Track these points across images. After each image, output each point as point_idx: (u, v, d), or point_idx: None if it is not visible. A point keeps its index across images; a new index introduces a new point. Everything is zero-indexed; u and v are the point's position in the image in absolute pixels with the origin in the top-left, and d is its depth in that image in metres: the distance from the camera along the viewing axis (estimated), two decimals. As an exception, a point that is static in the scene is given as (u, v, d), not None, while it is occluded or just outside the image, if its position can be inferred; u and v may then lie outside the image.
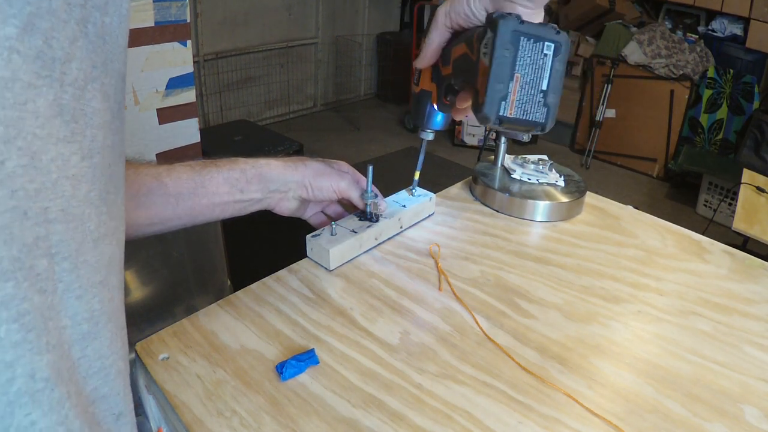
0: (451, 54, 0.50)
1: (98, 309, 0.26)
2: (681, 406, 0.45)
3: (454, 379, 0.47)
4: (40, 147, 0.21)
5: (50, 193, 0.22)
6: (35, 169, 0.21)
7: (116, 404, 0.29)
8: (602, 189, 3.02)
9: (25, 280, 0.21)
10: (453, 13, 0.48)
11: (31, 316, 0.22)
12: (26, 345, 0.21)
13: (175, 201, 0.54)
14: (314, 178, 0.60)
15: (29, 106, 0.21)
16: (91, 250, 0.25)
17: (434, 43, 0.51)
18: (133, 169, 0.53)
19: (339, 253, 0.60)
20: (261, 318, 0.53)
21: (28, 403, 0.22)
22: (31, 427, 0.22)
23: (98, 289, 0.26)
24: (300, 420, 0.43)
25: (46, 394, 0.22)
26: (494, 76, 0.41)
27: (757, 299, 0.60)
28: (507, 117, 0.42)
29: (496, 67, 0.41)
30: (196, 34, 3.12)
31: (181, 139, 1.33)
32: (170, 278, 1.16)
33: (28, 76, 0.20)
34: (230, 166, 0.58)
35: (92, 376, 0.27)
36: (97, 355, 0.27)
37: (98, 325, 0.26)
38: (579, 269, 0.64)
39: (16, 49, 0.20)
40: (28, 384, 0.22)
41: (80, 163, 0.24)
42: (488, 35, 0.41)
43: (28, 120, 0.21)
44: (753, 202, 1.61)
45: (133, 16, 1.18)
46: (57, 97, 0.22)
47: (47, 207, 0.22)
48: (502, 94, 0.41)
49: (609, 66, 3.28)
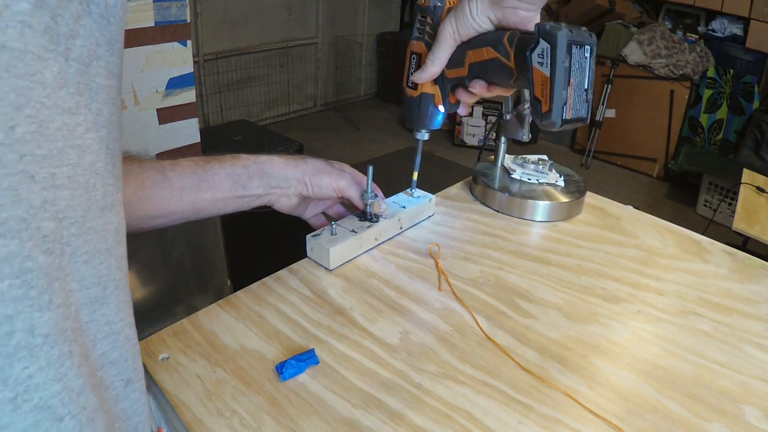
0: (466, 58, 0.53)
1: (106, 275, 0.27)
2: (681, 406, 0.45)
3: (454, 379, 0.47)
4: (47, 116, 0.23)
5: (57, 160, 0.23)
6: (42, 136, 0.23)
7: (125, 371, 0.30)
8: (602, 189, 3.02)
9: (29, 240, 0.22)
10: (462, 29, 0.51)
11: (34, 274, 0.23)
12: (27, 301, 0.22)
13: (179, 195, 0.55)
14: (314, 175, 0.61)
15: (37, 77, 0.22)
16: (98, 217, 0.27)
17: (442, 59, 0.54)
18: (138, 163, 0.54)
19: (339, 253, 0.60)
20: (261, 318, 0.53)
21: (26, 356, 0.23)
22: (28, 380, 0.23)
23: (105, 256, 0.27)
24: (300, 420, 0.43)
25: (45, 350, 0.23)
26: (558, 85, 0.45)
27: (757, 299, 0.60)
28: (567, 119, 0.46)
29: (558, 77, 0.45)
30: (196, 34, 3.12)
31: (181, 139, 1.33)
32: (170, 278, 1.16)
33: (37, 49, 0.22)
34: (233, 161, 0.59)
35: (101, 340, 0.28)
36: (105, 320, 0.28)
37: (106, 290, 0.28)
38: (579, 269, 0.64)
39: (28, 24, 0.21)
40: (27, 338, 0.23)
41: (85, 134, 0.25)
42: (543, 46, 0.45)
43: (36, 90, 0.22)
44: (753, 202, 1.61)
45: (133, 16, 1.18)
46: (62, 70, 0.23)
47: (54, 173, 0.23)
48: (564, 100, 0.45)
49: (609, 66, 3.28)
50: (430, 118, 0.61)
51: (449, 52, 0.54)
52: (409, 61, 0.59)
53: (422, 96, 0.60)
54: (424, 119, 0.61)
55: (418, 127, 0.63)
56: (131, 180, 0.53)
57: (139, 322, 0.33)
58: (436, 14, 0.55)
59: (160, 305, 1.13)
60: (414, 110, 0.61)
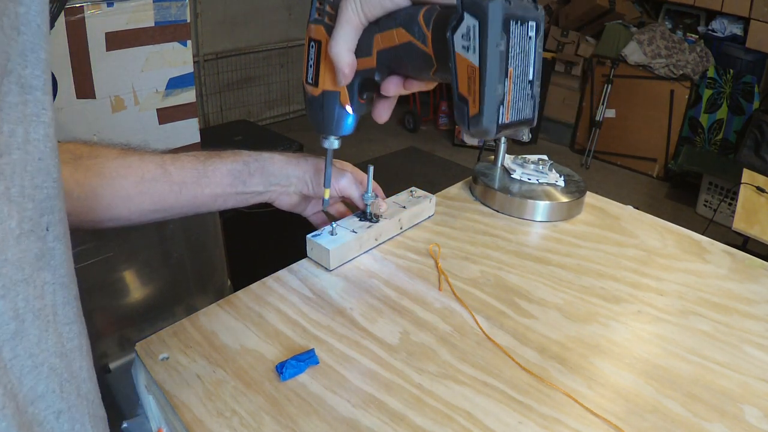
0: (374, 44, 0.42)
1: (23, 307, 0.26)
2: (681, 406, 0.45)
3: (454, 379, 0.47)
4: None
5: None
6: None
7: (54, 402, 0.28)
8: (602, 189, 3.02)
9: None
10: (366, 6, 0.41)
11: None
12: None
13: (179, 189, 0.55)
14: (315, 174, 0.61)
15: None
16: (13, 247, 0.25)
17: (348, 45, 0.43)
18: (138, 156, 0.54)
19: (339, 253, 0.60)
20: (261, 318, 0.53)
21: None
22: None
23: (22, 287, 0.26)
24: (300, 420, 0.43)
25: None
26: (490, 77, 0.33)
27: (757, 299, 0.60)
28: (504, 123, 0.35)
29: (492, 66, 0.33)
30: (196, 34, 3.12)
31: (181, 139, 1.33)
32: (170, 278, 1.16)
33: None
34: (234, 158, 0.58)
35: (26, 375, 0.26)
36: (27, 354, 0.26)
37: (24, 323, 0.26)
38: (579, 269, 0.64)
39: None
40: None
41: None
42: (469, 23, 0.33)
43: None
44: (753, 202, 1.61)
45: (133, 16, 1.18)
46: None
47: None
48: (500, 98, 0.34)
49: (609, 66, 3.28)
50: (337, 122, 0.50)
51: (355, 35, 0.43)
52: (308, 50, 0.48)
53: (324, 95, 0.49)
54: (330, 123, 0.50)
55: (324, 133, 0.52)
56: (131, 173, 0.53)
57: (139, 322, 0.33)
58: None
59: (160, 305, 1.13)
60: (317, 112, 0.50)
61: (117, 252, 1.04)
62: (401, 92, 0.46)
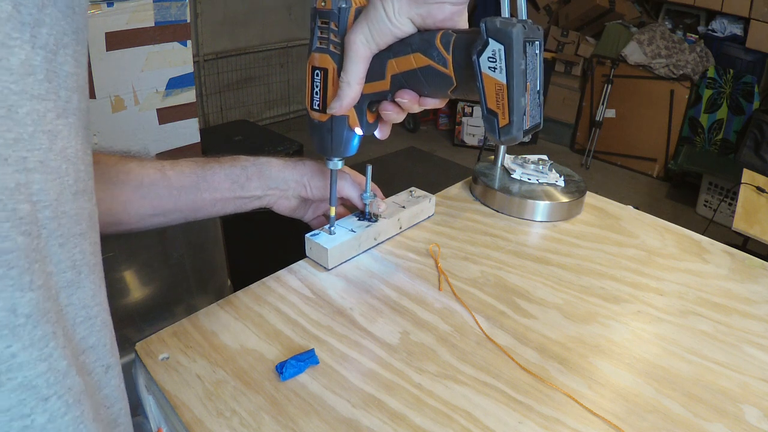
0: (387, 68, 0.45)
1: (80, 259, 0.28)
2: (681, 406, 0.45)
3: (454, 379, 0.47)
4: (16, 101, 0.23)
5: (28, 144, 0.24)
6: (12, 120, 0.23)
7: (104, 356, 0.30)
8: (602, 189, 3.02)
9: (7, 221, 0.23)
10: (377, 35, 0.43)
11: (14, 254, 0.23)
12: (7, 281, 0.23)
13: (177, 194, 0.55)
14: (313, 177, 0.61)
15: (3, 63, 0.22)
16: (71, 202, 0.27)
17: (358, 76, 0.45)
18: (137, 162, 0.54)
19: (337, 252, 0.60)
20: (261, 318, 0.53)
21: (8, 335, 0.23)
22: (11, 358, 0.23)
23: (78, 240, 0.28)
24: (300, 420, 0.43)
25: (27, 330, 0.24)
26: (516, 92, 0.38)
27: (757, 299, 0.60)
28: (526, 129, 0.41)
29: (517, 83, 0.38)
30: (196, 34, 3.12)
31: (181, 139, 1.33)
32: (170, 278, 1.16)
33: (1, 37, 0.22)
34: (232, 162, 0.59)
35: (79, 325, 0.28)
36: (81, 305, 0.28)
37: (81, 274, 0.28)
38: (579, 269, 0.64)
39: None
40: (9, 318, 0.23)
41: (55, 120, 0.26)
42: (494, 47, 0.38)
43: (2, 75, 0.22)
44: (753, 202, 1.61)
45: (133, 16, 1.18)
46: (28, 57, 0.24)
47: (26, 157, 0.24)
48: (523, 109, 0.39)
49: (609, 66, 3.28)
50: (345, 144, 0.51)
51: (365, 66, 0.45)
52: (312, 78, 0.49)
53: (333, 120, 0.50)
54: (338, 146, 0.52)
55: (330, 156, 0.53)
56: (130, 178, 0.53)
57: (139, 322, 0.33)
58: (341, 19, 0.45)
59: (160, 305, 1.13)
60: (325, 137, 0.51)
61: (117, 252, 1.04)
62: (414, 108, 0.47)
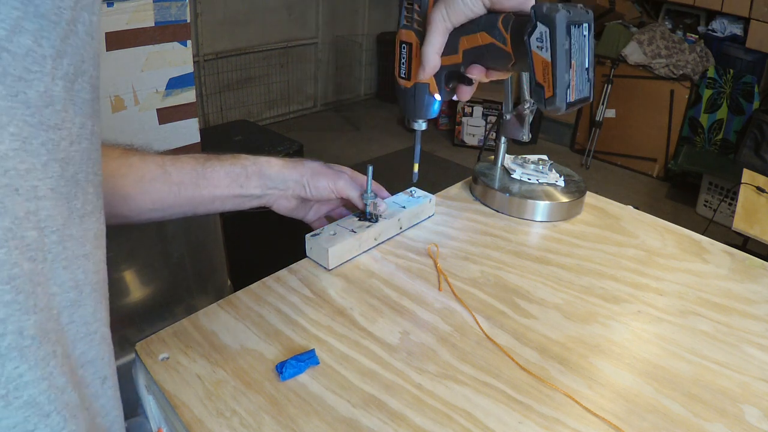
0: (459, 44, 0.52)
1: (83, 279, 0.29)
2: (681, 406, 0.45)
3: (454, 379, 0.47)
4: (31, 132, 0.24)
5: (40, 173, 0.25)
6: (26, 152, 0.24)
7: (101, 369, 0.31)
8: (602, 189, 3.02)
9: (16, 249, 0.24)
10: (453, 15, 0.49)
11: (21, 280, 0.24)
12: (15, 305, 0.24)
13: (177, 189, 0.56)
14: (312, 177, 0.61)
15: (20, 97, 0.23)
16: (77, 225, 0.28)
17: (437, 48, 0.52)
18: (139, 156, 0.55)
19: (338, 252, 0.60)
20: (261, 318, 0.53)
21: (17, 357, 0.24)
22: (18, 378, 0.24)
23: (82, 261, 0.29)
24: (300, 420, 0.43)
25: (33, 351, 0.25)
26: (560, 69, 0.44)
27: (757, 299, 0.60)
28: (571, 102, 0.46)
29: (560, 61, 0.43)
30: (196, 34, 3.12)
31: (181, 139, 1.33)
32: (170, 278, 1.16)
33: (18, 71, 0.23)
34: (232, 161, 0.59)
35: (79, 341, 0.29)
36: (82, 322, 0.29)
37: (82, 294, 0.29)
38: (579, 269, 0.64)
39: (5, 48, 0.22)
40: (17, 340, 0.24)
41: (69, 147, 0.26)
42: (541, 29, 0.43)
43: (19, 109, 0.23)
44: (753, 202, 1.61)
45: (133, 16, 1.18)
46: (48, 88, 0.24)
47: (36, 185, 0.25)
48: (567, 84, 0.45)
49: (609, 66, 3.28)
50: (426, 108, 0.59)
51: (443, 40, 0.52)
52: (399, 50, 0.57)
53: (416, 86, 0.58)
54: (420, 109, 0.59)
55: (414, 118, 0.61)
56: (132, 172, 0.54)
57: (139, 322, 0.34)
58: (423, 1, 0.53)
59: (160, 305, 1.13)
60: (409, 101, 0.59)
61: (117, 252, 1.04)
62: (483, 79, 0.54)
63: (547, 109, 0.46)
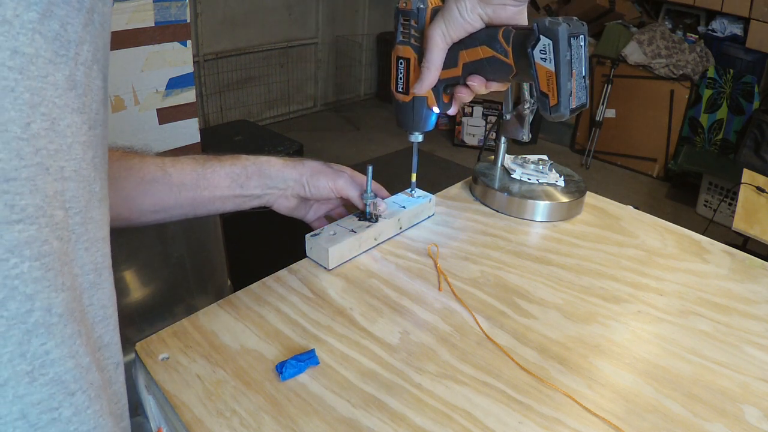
0: (459, 58, 0.53)
1: (101, 262, 0.29)
2: (681, 406, 0.45)
3: (454, 379, 0.47)
4: (59, 114, 0.25)
5: (66, 155, 0.26)
6: (54, 132, 0.25)
7: (115, 354, 0.32)
8: (602, 189, 3.02)
9: (46, 226, 0.24)
10: (452, 30, 0.51)
11: (51, 258, 0.25)
12: (45, 282, 0.24)
13: (178, 190, 0.56)
14: (312, 176, 0.61)
15: (50, 79, 0.24)
16: (97, 208, 0.29)
17: (437, 63, 0.53)
18: (140, 158, 0.55)
19: (338, 252, 0.60)
20: (261, 318, 0.53)
21: (44, 333, 0.25)
22: (45, 355, 0.25)
23: (101, 244, 0.29)
24: (300, 420, 0.43)
25: (60, 329, 0.25)
26: (563, 78, 0.46)
27: (757, 299, 0.60)
28: (572, 108, 0.48)
29: (563, 71, 0.46)
30: (196, 34, 3.12)
31: (181, 139, 1.33)
32: (170, 278, 1.16)
33: (48, 54, 0.24)
34: (232, 161, 0.60)
35: (98, 323, 0.30)
36: (100, 305, 0.30)
37: (101, 276, 0.30)
38: (579, 269, 0.64)
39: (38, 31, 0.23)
40: (45, 317, 0.25)
41: (88, 131, 0.27)
42: (545, 42, 0.46)
43: (48, 90, 0.24)
44: (753, 202, 1.61)
45: (133, 16, 1.18)
46: (71, 73, 0.25)
47: (63, 166, 0.26)
48: (569, 92, 0.47)
49: (609, 66, 3.28)
50: (424, 121, 0.61)
51: (443, 55, 0.53)
52: (397, 66, 0.59)
53: (415, 100, 0.59)
54: (418, 122, 0.61)
55: (412, 131, 0.63)
56: (132, 174, 0.54)
57: (139, 322, 0.34)
58: (420, 17, 0.55)
59: (160, 305, 1.13)
60: (407, 115, 0.61)
61: (117, 252, 1.03)
62: (482, 91, 0.55)
63: (552, 116, 0.49)
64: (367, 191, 0.63)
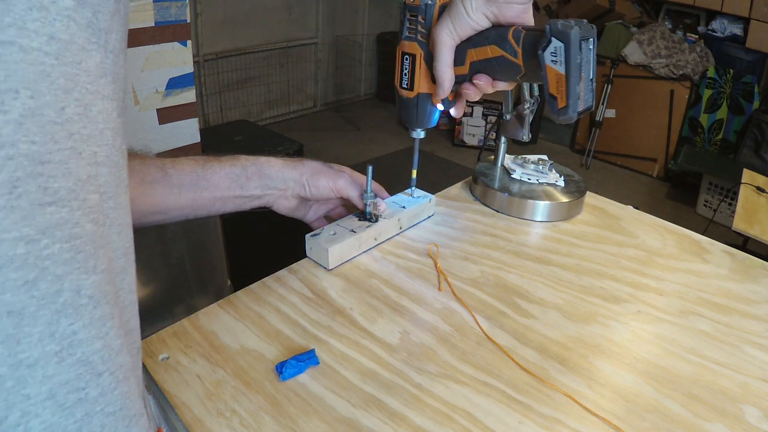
0: (467, 57, 0.53)
1: (128, 247, 0.30)
2: (681, 406, 0.45)
3: (454, 379, 0.47)
4: (91, 100, 0.25)
5: (98, 140, 0.26)
6: (87, 118, 0.25)
7: (138, 339, 0.33)
8: (602, 189, 3.02)
9: (78, 209, 0.25)
10: (459, 28, 0.51)
11: (82, 240, 0.25)
12: (75, 264, 0.25)
13: (178, 192, 0.56)
14: (312, 176, 0.61)
15: (83, 65, 0.25)
16: (124, 194, 0.30)
17: (449, 61, 0.53)
18: (140, 159, 0.55)
19: (338, 252, 0.60)
20: (261, 318, 0.53)
21: (72, 314, 0.25)
22: (73, 335, 0.25)
23: (128, 230, 0.30)
24: (300, 420, 0.43)
25: (89, 310, 0.26)
26: (573, 81, 0.47)
27: (757, 299, 0.60)
28: (579, 111, 0.49)
29: (574, 74, 0.46)
30: (196, 34, 3.12)
31: (181, 139, 1.33)
32: (170, 278, 1.16)
33: (82, 41, 0.24)
34: (232, 162, 0.60)
35: (126, 307, 0.30)
36: (129, 289, 0.31)
37: (128, 261, 0.30)
38: (579, 269, 0.64)
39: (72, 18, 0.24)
40: (74, 298, 0.25)
41: (117, 118, 0.28)
42: (556, 44, 0.46)
43: (81, 76, 0.25)
44: (753, 202, 1.61)
45: (133, 16, 1.18)
46: (102, 60, 0.26)
47: (96, 151, 0.26)
48: (578, 95, 0.48)
49: (609, 66, 3.28)
50: (428, 118, 0.61)
51: (452, 53, 0.53)
52: (402, 62, 0.58)
53: (419, 96, 0.59)
54: (422, 119, 0.60)
55: (415, 127, 0.62)
56: (133, 176, 0.54)
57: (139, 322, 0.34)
58: (428, 13, 0.54)
59: (160, 305, 1.13)
60: (411, 111, 0.60)
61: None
62: (488, 90, 0.55)
63: (560, 118, 0.49)
64: (367, 191, 0.63)
